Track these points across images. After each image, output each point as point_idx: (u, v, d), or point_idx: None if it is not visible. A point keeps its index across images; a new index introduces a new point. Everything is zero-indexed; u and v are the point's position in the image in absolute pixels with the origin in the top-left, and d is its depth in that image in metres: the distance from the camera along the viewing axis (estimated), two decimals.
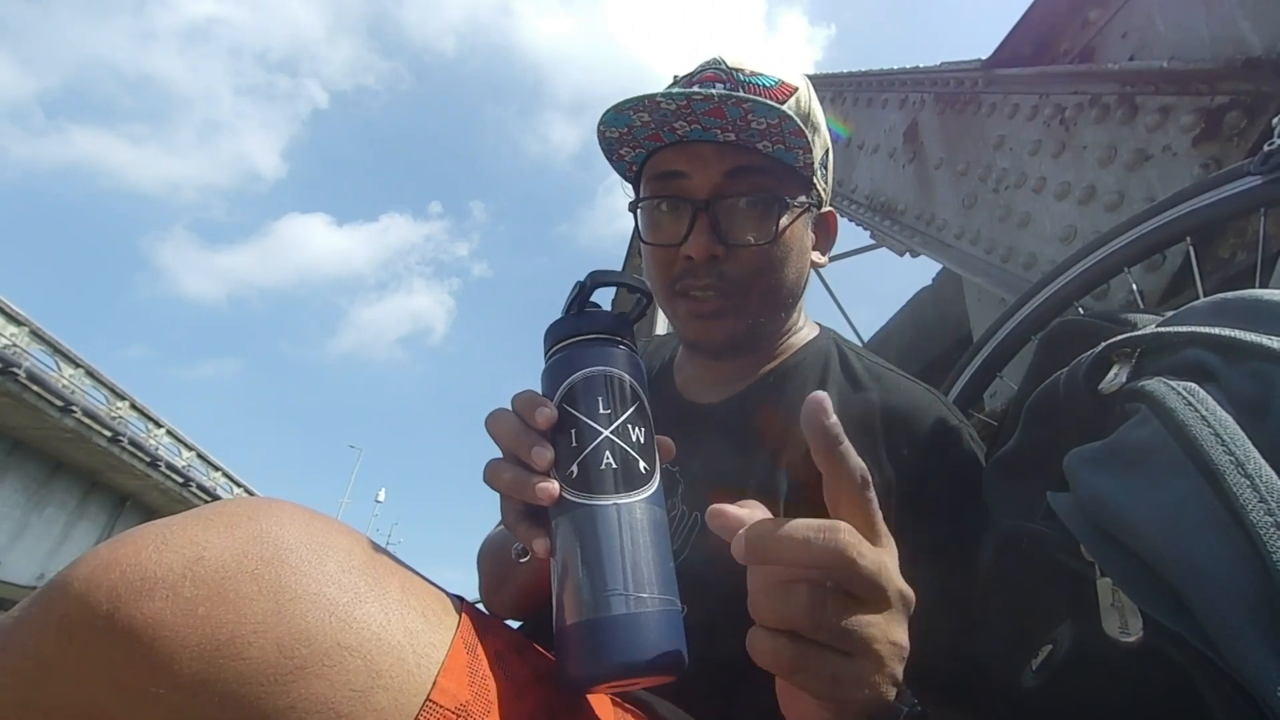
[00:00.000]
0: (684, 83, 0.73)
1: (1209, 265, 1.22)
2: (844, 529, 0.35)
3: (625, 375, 0.48)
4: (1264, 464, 0.30)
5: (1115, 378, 0.47)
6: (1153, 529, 0.34)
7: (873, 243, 2.81)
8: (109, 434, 14.79)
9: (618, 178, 0.81)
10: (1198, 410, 0.35)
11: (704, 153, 0.69)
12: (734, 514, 0.37)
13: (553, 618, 0.43)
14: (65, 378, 14.05)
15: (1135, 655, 0.37)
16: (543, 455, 0.44)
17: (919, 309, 3.00)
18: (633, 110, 0.67)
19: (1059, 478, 0.46)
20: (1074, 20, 1.79)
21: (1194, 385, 0.37)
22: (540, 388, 0.49)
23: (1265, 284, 1.00)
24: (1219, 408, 0.34)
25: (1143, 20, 1.59)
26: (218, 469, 20.23)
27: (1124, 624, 0.37)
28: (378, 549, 0.39)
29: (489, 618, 0.44)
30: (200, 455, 19.19)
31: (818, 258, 0.79)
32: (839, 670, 0.34)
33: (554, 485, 0.43)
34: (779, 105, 0.64)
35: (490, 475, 0.47)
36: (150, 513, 17.39)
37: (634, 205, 0.76)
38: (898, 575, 0.37)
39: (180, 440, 18.25)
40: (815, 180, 0.74)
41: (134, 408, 16.30)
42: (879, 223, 2.56)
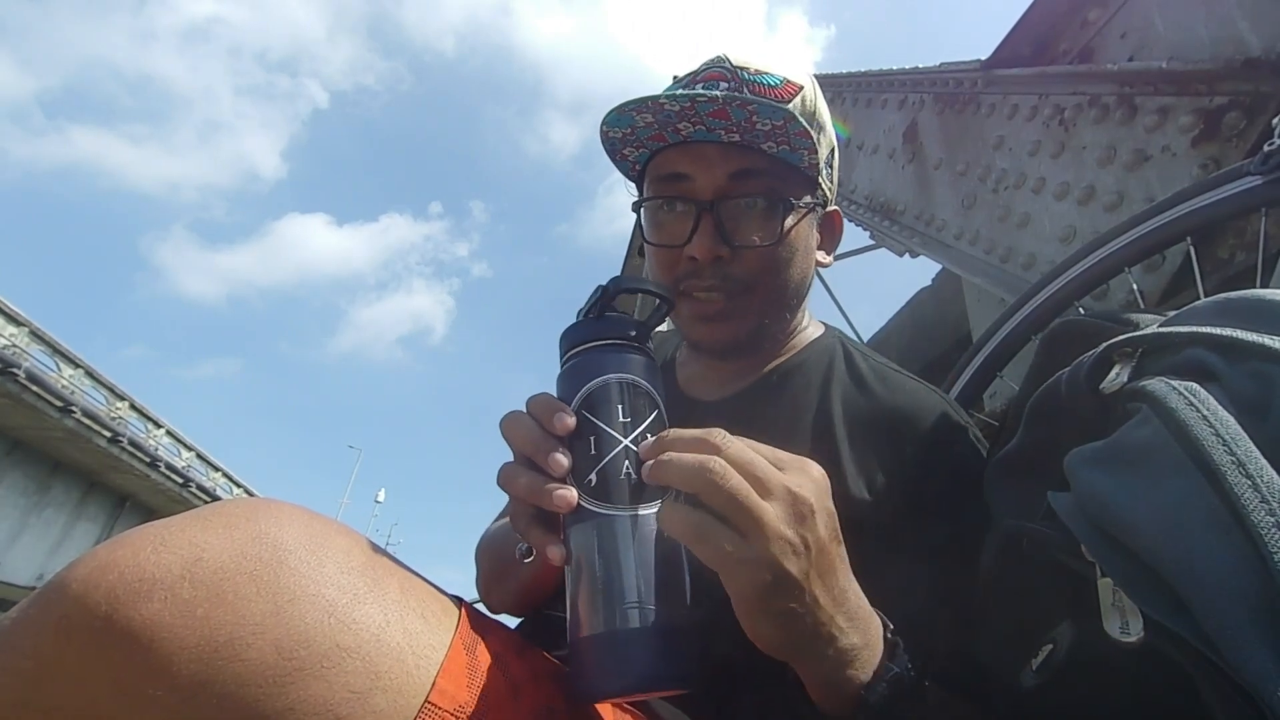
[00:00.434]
0: (687, 81, 0.73)
1: (1209, 265, 1.22)
2: (716, 464, 0.39)
3: (644, 383, 0.47)
4: (1265, 464, 0.30)
5: (1116, 378, 0.47)
6: (1153, 529, 0.34)
7: (872, 243, 2.81)
8: (108, 434, 14.78)
9: (618, 178, 0.80)
10: (1199, 410, 0.35)
11: (708, 154, 0.69)
12: None
13: (566, 628, 0.43)
14: (65, 378, 14.04)
15: (1135, 655, 0.37)
16: (560, 462, 0.43)
17: (919, 309, 3.00)
18: (636, 111, 0.67)
19: (1060, 478, 0.45)
20: (1073, 21, 1.79)
21: (1195, 385, 0.37)
22: (556, 391, 0.48)
23: (1265, 284, 1.00)
24: (1220, 408, 0.34)
25: (1142, 21, 1.59)
26: (217, 469, 20.22)
27: (1124, 624, 0.37)
28: (377, 550, 0.39)
29: (488, 619, 0.44)
30: (200, 455, 19.18)
31: (822, 257, 0.79)
32: (735, 547, 0.38)
33: (572, 493, 0.43)
34: (784, 105, 0.64)
35: (505, 479, 0.46)
36: (150, 513, 17.38)
37: (637, 206, 0.76)
38: (796, 485, 0.41)
39: (180, 440, 18.24)
40: (820, 180, 0.74)
41: (133, 408, 16.29)
42: (878, 223, 2.56)
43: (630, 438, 0.44)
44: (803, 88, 0.72)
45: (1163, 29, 1.53)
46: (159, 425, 17.20)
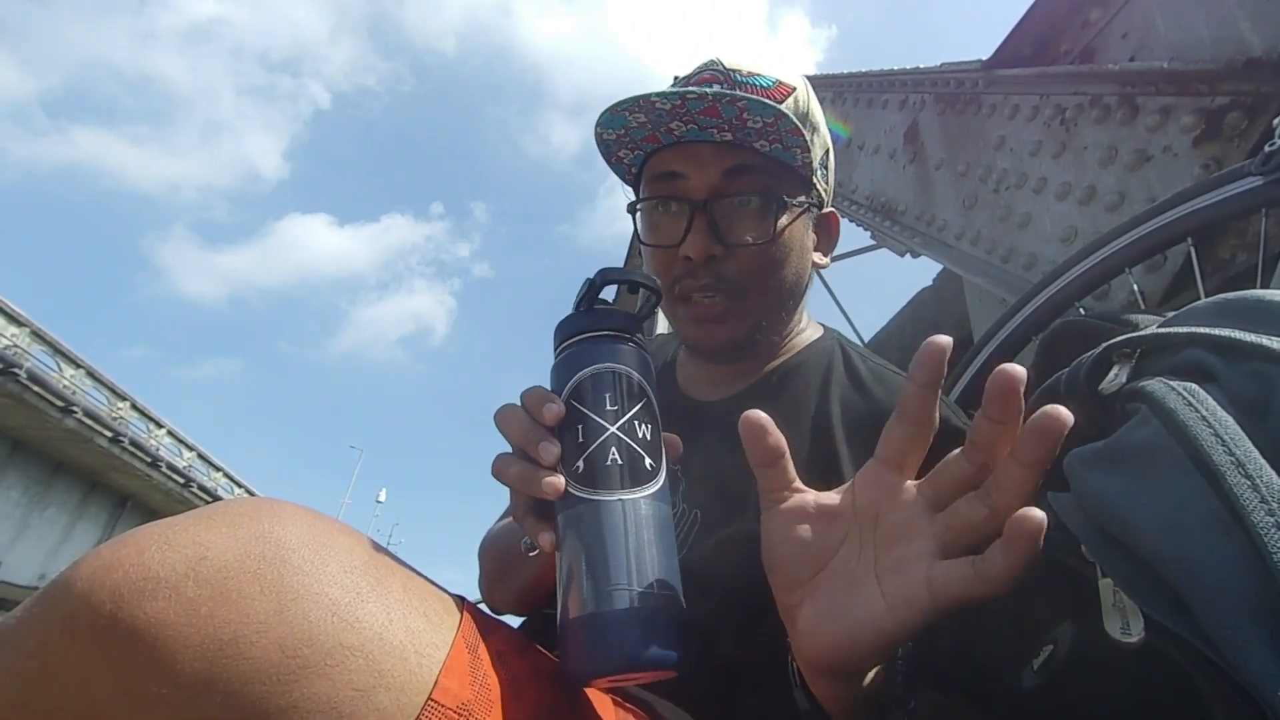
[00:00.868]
0: (682, 84, 0.73)
1: (1210, 266, 1.22)
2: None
3: (633, 372, 0.48)
4: (1264, 464, 0.30)
5: (1116, 378, 0.47)
6: (1153, 529, 0.34)
7: (873, 243, 2.81)
8: (110, 434, 14.80)
9: (618, 179, 0.81)
10: (1198, 410, 0.35)
11: (701, 153, 0.69)
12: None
13: (557, 611, 0.43)
14: (66, 378, 14.05)
15: (1136, 655, 0.37)
16: (549, 450, 0.44)
17: (919, 309, 2.99)
18: (628, 111, 0.67)
19: (1059, 478, 0.46)
20: (1074, 21, 1.79)
21: (1194, 385, 0.37)
22: (549, 384, 0.49)
23: (1266, 284, 1.00)
24: (1219, 408, 0.34)
25: (1143, 21, 1.59)
26: (218, 469, 20.24)
27: (1125, 624, 0.37)
28: (379, 549, 0.39)
29: (490, 617, 0.44)
30: (201, 455, 19.20)
31: (819, 258, 0.79)
32: None
33: (560, 480, 0.44)
34: (774, 103, 0.64)
35: (498, 469, 0.47)
36: (151, 513, 17.39)
37: (632, 207, 0.76)
38: None
39: (181, 440, 18.25)
40: (815, 180, 0.74)
41: (135, 408, 16.30)
42: (879, 223, 2.56)
43: (617, 425, 0.45)
44: (795, 89, 0.72)
45: (1164, 29, 1.53)
46: (160, 425, 17.22)
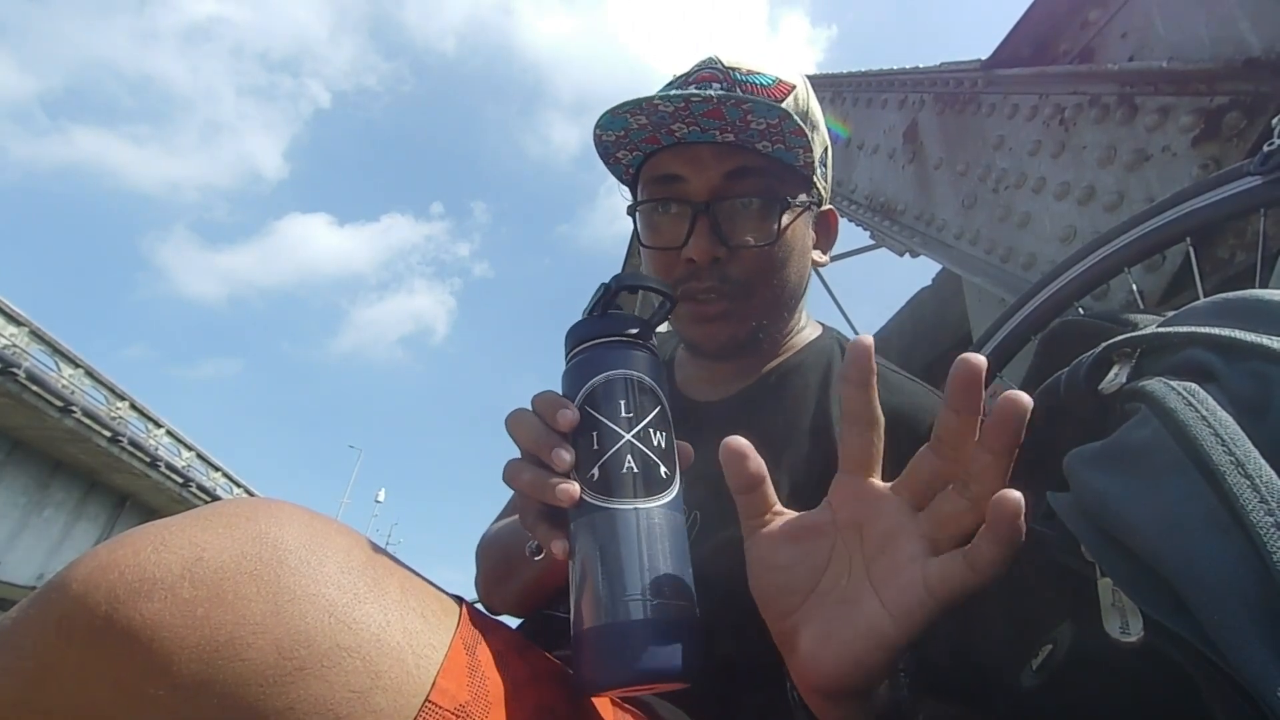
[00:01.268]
0: (680, 83, 0.72)
1: (1209, 265, 1.22)
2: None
3: (647, 379, 0.47)
4: (1264, 464, 0.30)
5: (1115, 378, 0.47)
6: (1152, 529, 0.33)
7: (872, 243, 2.81)
8: (109, 434, 14.78)
9: (616, 179, 0.80)
10: (1198, 410, 0.34)
11: (702, 155, 0.69)
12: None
13: (570, 619, 0.43)
14: (65, 378, 14.04)
15: (1136, 655, 0.36)
16: (563, 457, 0.44)
17: (919, 309, 2.99)
18: (629, 113, 0.67)
19: (1059, 478, 0.45)
20: (1073, 21, 1.79)
21: (1194, 385, 0.37)
22: (561, 388, 0.49)
23: (1265, 284, 1.00)
24: (1219, 408, 0.34)
25: (1142, 21, 1.59)
26: (217, 469, 20.22)
27: (1124, 624, 0.37)
28: (377, 549, 0.39)
29: (488, 618, 0.44)
30: (200, 455, 19.18)
31: (819, 257, 0.79)
32: None
33: (575, 487, 0.43)
34: (778, 104, 0.64)
35: (510, 475, 0.47)
36: (150, 513, 17.37)
37: (633, 209, 0.75)
38: None
39: (180, 440, 18.24)
40: (815, 179, 0.74)
41: (134, 408, 16.29)
42: (879, 223, 2.56)
43: (632, 433, 0.45)
44: (795, 87, 0.72)
45: (1163, 29, 1.53)
46: (159, 425, 17.21)
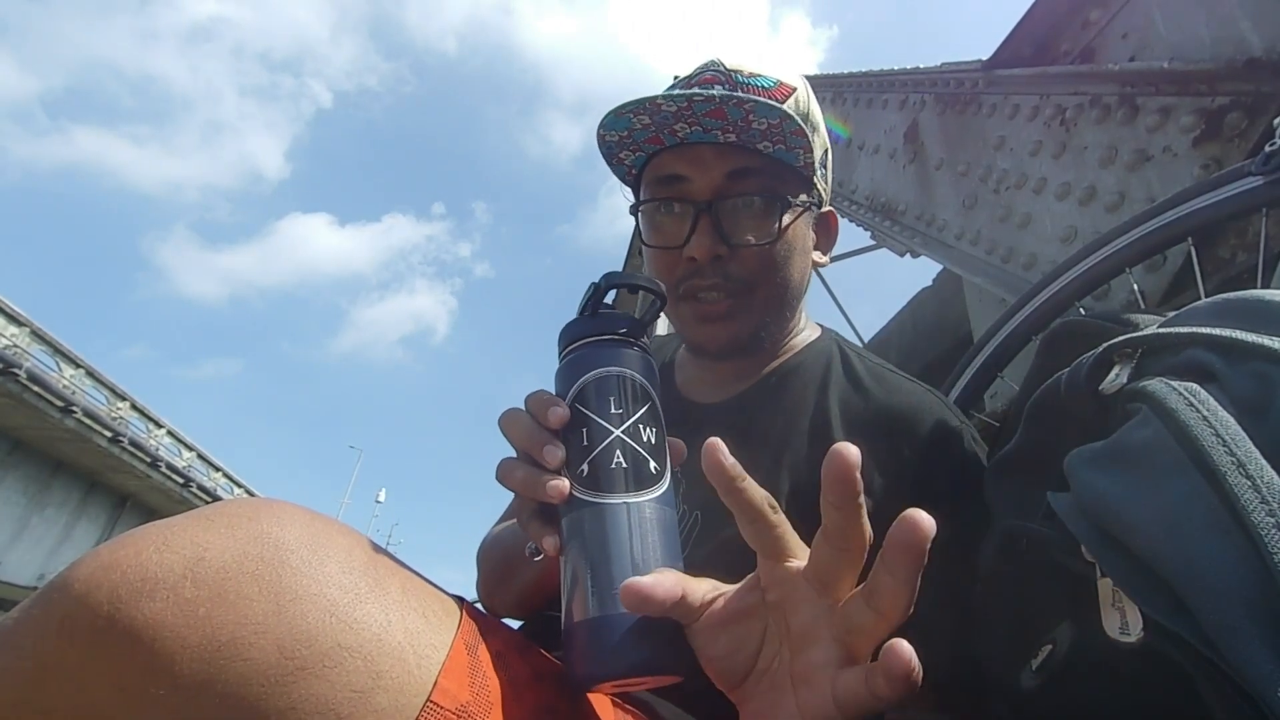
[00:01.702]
0: (682, 85, 0.73)
1: (1210, 266, 1.22)
2: None
3: (638, 376, 0.48)
4: (1265, 465, 0.30)
5: (1116, 378, 0.47)
6: (1153, 529, 0.34)
7: (873, 243, 2.81)
8: (109, 434, 14.79)
9: (618, 180, 0.81)
10: (1199, 411, 0.34)
11: (704, 155, 0.69)
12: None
13: (561, 615, 0.43)
14: (66, 378, 14.05)
15: (1135, 655, 0.37)
16: (554, 454, 0.44)
17: (919, 310, 2.99)
18: (633, 113, 0.67)
19: (1060, 478, 0.45)
20: (1074, 21, 1.79)
21: (1195, 386, 0.37)
22: (554, 388, 0.49)
23: (1266, 284, 1.00)
24: (1220, 408, 0.34)
25: (1143, 21, 1.59)
26: (218, 469, 20.23)
27: (1124, 624, 0.37)
28: (378, 550, 0.39)
29: (489, 618, 0.44)
30: (200, 455, 19.19)
31: (819, 257, 0.79)
32: None
33: (564, 483, 0.43)
34: (779, 105, 0.64)
35: (503, 473, 0.47)
36: (150, 513, 17.38)
37: (635, 209, 0.76)
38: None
39: (180, 440, 18.25)
40: (815, 180, 0.74)
41: (134, 408, 16.30)
42: (879, 223, 2.56)
43: (622, 428, 0.45)
44: (796, 90, 0.73)
45: (1164, 29, 1.52)
46: (160, 425, 17.22)
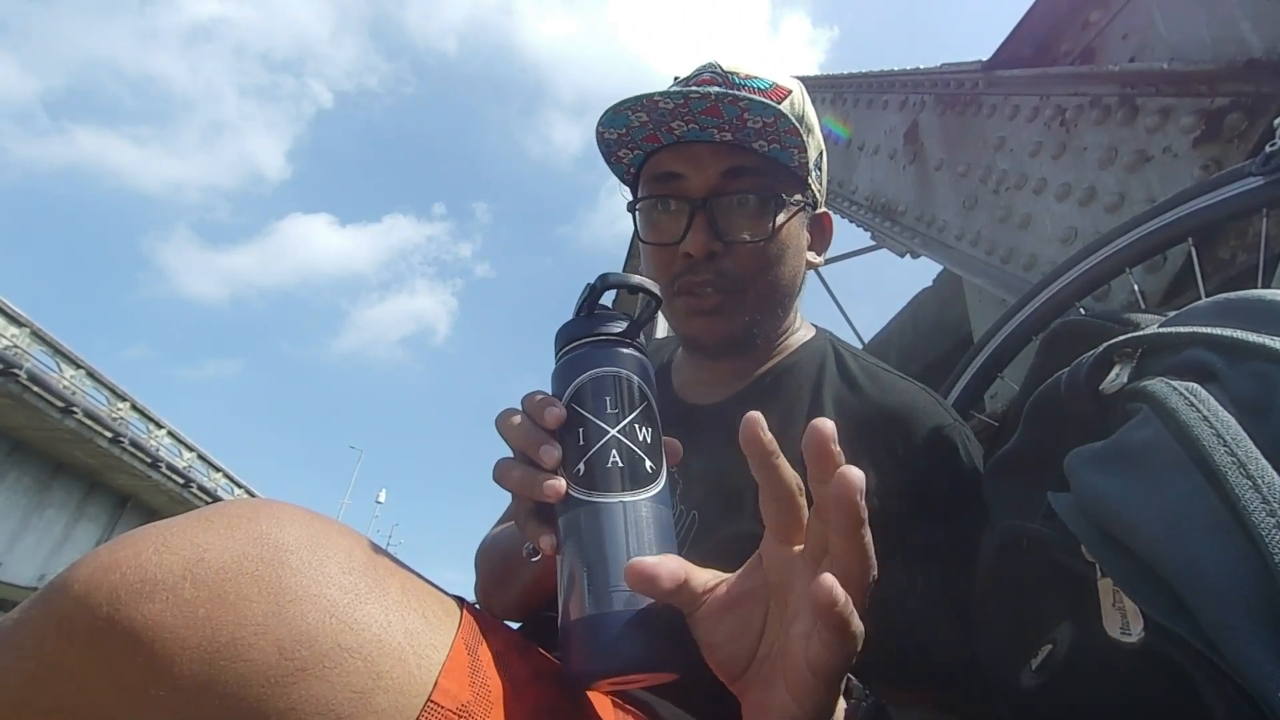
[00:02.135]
0: (681, 86, 0.74)
1: (1210, 266, 1.22)
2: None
3: (633, 376, 0.48)
4: (1266, 465, 0.30)
5: (1116, 378, 0.47)
6: (1154, 529, 0.33)
7: (873, 244, 2.81)
8: (110, 435, 14.79)
9: (617, 179, 0.81)
10: (1200, 411, 0.34)
11: (700, 153, 0.70)
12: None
13: (558, 614, 0.43)
14: (66, 378, 14.06)
15: (1135, 656, 0.36)
16: (550, 454, 0.44)
17: (919, 310, 2.99)
18: (631, 110, 0.68)
19: (1059, 478, 0.45)
20: (1074, 21, 1.79)
21: (1196, 386, 0.37)
22: (550, 388, 0.50)
23: (1267, 285, 1.00)
24: (1221, 408, 0.34)
25: (1143, 21, 1.59)
26: (218, 470, 20.23)
27: (1124, 624, 0.37)
28: (378, 550, 0.39)
29: (489, 618, 0.44)
30: (201, 456, 19.19)
31: (813, 258, 0.80)
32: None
33: (560, 483, 0.44)
34: (775, 104, 0.65)
35: (500, 473, 0.47)
36: (151, 514, 17.39)
37: (632, 206, 0.77)
38: None
39: (181, 441, 18.25)
40: (810, 181, 0.75)
41: (135, 408, 16.30)
42: (879, 224, 2.56)
43: (618, 428, 0.45)
44: (791, 92, 0.74)
45: (1164, 30, 1.53)
46: (160, 426, 17.22)
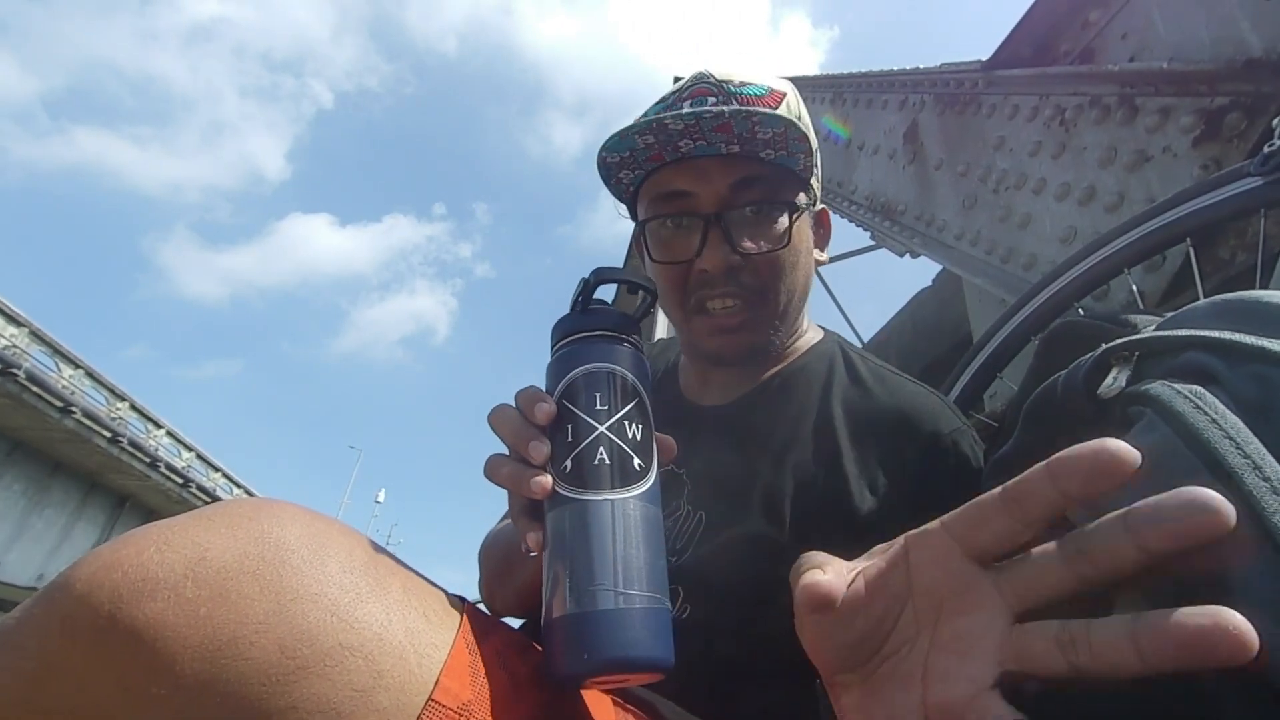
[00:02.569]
0: (672, 99, 0.74)
1: (1209, 266, 1.22)
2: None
3: (626, 372, 0.48)
4: (1278, 466, 0.30)
5: (1114, 382, 0.47)
6: None
7: (873, 243, 2.81)
8: (109, 435, 14.77)
9: (615, 199, 0.80)
10: (1207, 413, 0.34)
11: (707, 168, 0.70)
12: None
13: (541, 611, 0.43)
14: (65, 378, 14.04)
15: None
16: (539, 450, 0.44)
17: (919, 310, 2.99)
18: (638, 134, 0.67)
19: None
20: (1074, 21, 1.80)
21: (1199, 388, 0.37)
22: (544, 384, 0.49)
23: (1265, 285, 1.00)
24: (1227, 410, 0.34)
25: (1143, 21, 1.59)
26: (217, 470, 20.21)
27: None
28: (379, 549, 0.39)
29: (490, 618, 0.44)
30: (200, 456, 19.17)
31: (819, 255, 0.80)
32: None
33: (547, 479, 0.43)
34: (783, 115, 0.65)
35: (490, 469, 0.47)
36: (150, 514, 17.37)
37: (640, 227, 0.75)
38: None
39: (180, 441, 18.23)
40: (811, 180, 0.75)
41: (134, 408, 16.29)
42: (879, 223, 2.56)
43: (606, 425, 0.45)
44: (786, 94, 0.74)
45: (1164, 30, 1.53)
46: (159, 425, 17.20)
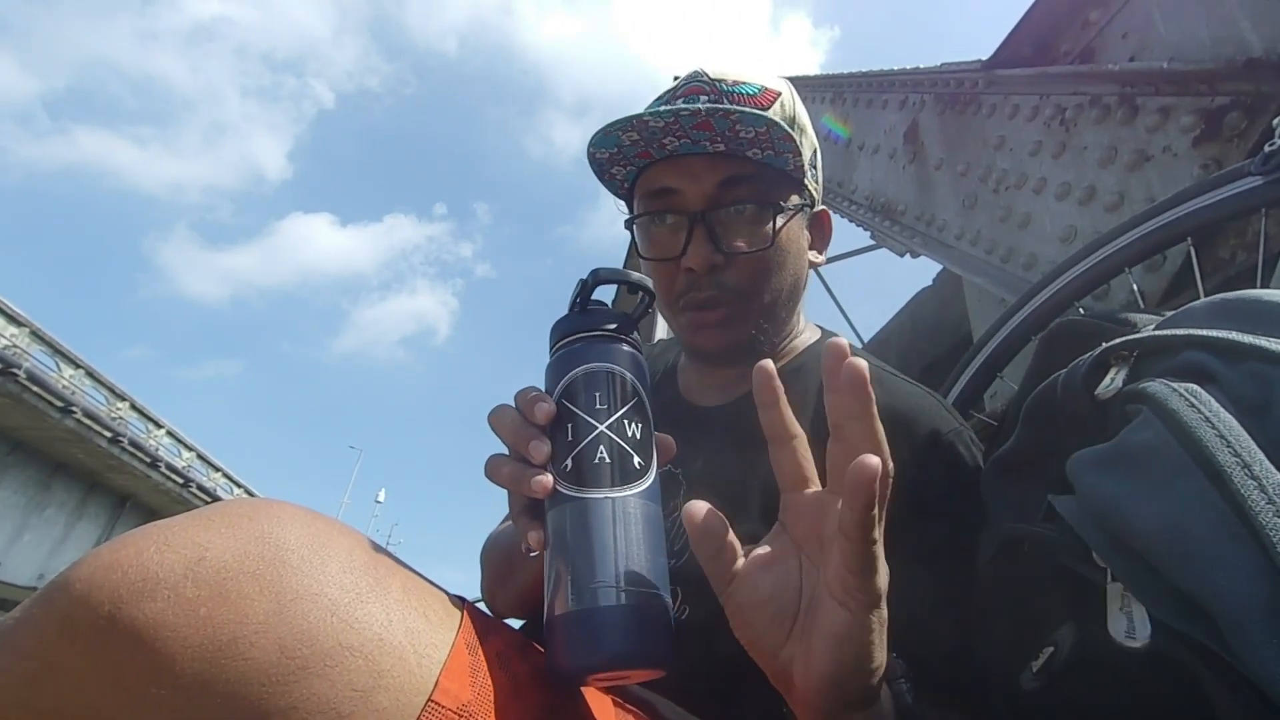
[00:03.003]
0: (668, 97, 0.75)
1: (1209, 266, 1.22)
2: None
3: (625, 372, 0.48)
4: (1269, 465, 0.30)
5: (1113, 382, 0.47)
6: (1160, 532, 0.33)
7: (873, 243, 2.80)
8: (109, 434, 14.78)
9: (613, 195, 0.81)
10: (1201, 412, 0.34)
11: (694, 166, 0.70)
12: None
13: (543, 609, 0.43)
14: (65, 378, 14.05)
15: (1138, 658, 0.36)
16: (539, 449, 0.45)
17: (919, 310, 2.99)
18: (621, 131, 0.68)
19: (1059, 479, 0.45)
20: (1074, 21, 1.79)
21: (1195, 387, 0.37)
22: (543, 384, 0.50)
23: (1266, 284, 1.00)
24: (1221, 409, 0.34)
25: (1143, 21, 1.59)
26: (218, 469, 20.22)
27: (1130, 628, 0.37)
28: (379, 549, 0.39)
29: (491, 618, 0.44)
30: (200, 456, 19.18)
31: (815, 257, 0.80)
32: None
33: (548, 478, 0.44)
34: (764, 113, 0.65)
35: (491, 469, 0.47)
36: (150, 513, 17.37)
37: (629, 223, 0.76)
38: None
39: (180, 441, 18.24)
40: (806, 181, 0.75)
41: (134, 408, 16.29)
42: (879, 223, 2.56)
43: (606, 424, 0.45)
44: (780, 94, 0.74)
45: (1164, 29, 1.53)
46: (159, 425, 17.21)
